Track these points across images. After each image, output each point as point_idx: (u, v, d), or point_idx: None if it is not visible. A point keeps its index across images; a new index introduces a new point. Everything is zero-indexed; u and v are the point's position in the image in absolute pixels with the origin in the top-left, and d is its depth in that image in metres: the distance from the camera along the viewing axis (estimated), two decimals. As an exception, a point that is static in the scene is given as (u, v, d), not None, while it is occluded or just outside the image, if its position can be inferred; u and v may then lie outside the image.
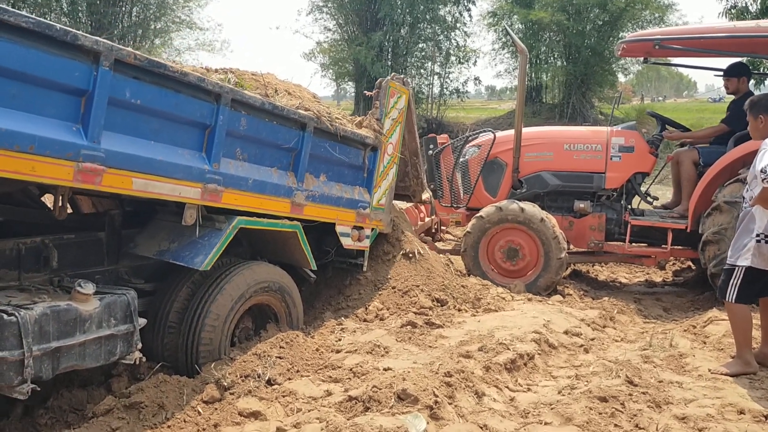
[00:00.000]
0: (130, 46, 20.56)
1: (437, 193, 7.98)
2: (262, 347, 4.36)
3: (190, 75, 3.87)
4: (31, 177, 3.18)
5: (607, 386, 3.99)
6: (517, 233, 6.98)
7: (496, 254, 7.07)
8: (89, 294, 3.56)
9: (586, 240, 7.44)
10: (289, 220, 4.85)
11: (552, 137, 7.81)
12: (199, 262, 4.12)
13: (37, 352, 3.23)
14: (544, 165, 7.58)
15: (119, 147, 3.51)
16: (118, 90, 3.46)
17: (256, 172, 4.48)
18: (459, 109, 35.25)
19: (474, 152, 7.84)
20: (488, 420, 3.56)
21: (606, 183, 7.44)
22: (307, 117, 4.76)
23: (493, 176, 7.72)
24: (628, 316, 6.31)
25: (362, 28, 32.83)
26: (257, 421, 3.59)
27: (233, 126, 4.20)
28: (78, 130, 3.33)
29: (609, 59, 29.95)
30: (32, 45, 3.07)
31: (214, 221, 4.33)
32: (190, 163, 3.95)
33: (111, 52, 3.36)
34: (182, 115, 3.91)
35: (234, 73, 5.08)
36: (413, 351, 4.65)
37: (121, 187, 3.58)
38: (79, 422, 3.62)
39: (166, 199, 3.93)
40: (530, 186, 7.59)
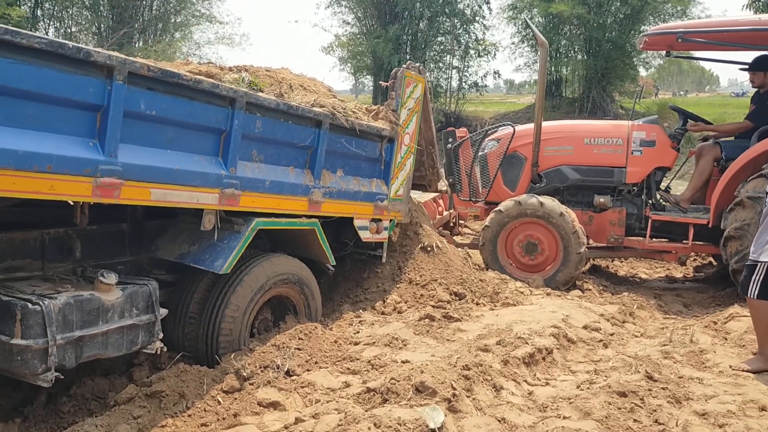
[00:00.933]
0: (151, 40, 20.75)
1: (456, 186, 7.97)
2: (281, 338, 4.40)
3: (204, 82, 3.88)
4: (50, 195, 3.21)
5: (627, 381, 3.97)
6: (536, 227, 6.95)
7: (514, 248, 7.05)
8: (112, 284, 3.60)
9: (605, 235, 7.39)
10: (307, 217, 4.87)
11: (572, 131, 7.75)
12: (219, 265, 4.15)
13: (60, 340, 3.29)
14: (563, 159, 7.53)
15: (136, 159, 3.54)
16: (132, 102, 3.47)
17: (273, 173, 4.49)
18: (477, 103, 35.10)
19: (493, 146, 7.80)
20: (506, 413, 3.56)
21: (627, 177, 7.38)
22: (322, 114, 4.76)
23: (512, 170, 7.68)
24: (648, 312, 6.27)
25: (381, 22, 32.77)
26: (276, 411, 3.62)
27: (249, 129, 4.21)
28: (95, 146, 3.35)
29: (630, 53, 29.61)
30: (46, 64, 3.09)
31: (233, 224, 4.35)
32: (206, 169, 3.98)
33: (124, 65, 3.37)
34: (197, 122, 3.93)
35: (248, 70, 5.08)
36: (431, 344, 4.66)
37: (140, 198, 3.62)
38: (102, 410, 3.68)
39: (184, 207, 3.97)
40: (550, 180, 7.55)
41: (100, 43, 26.63)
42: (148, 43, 27.41)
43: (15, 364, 3.24)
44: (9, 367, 3.28)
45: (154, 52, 25.49)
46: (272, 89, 4.75)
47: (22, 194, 3.10)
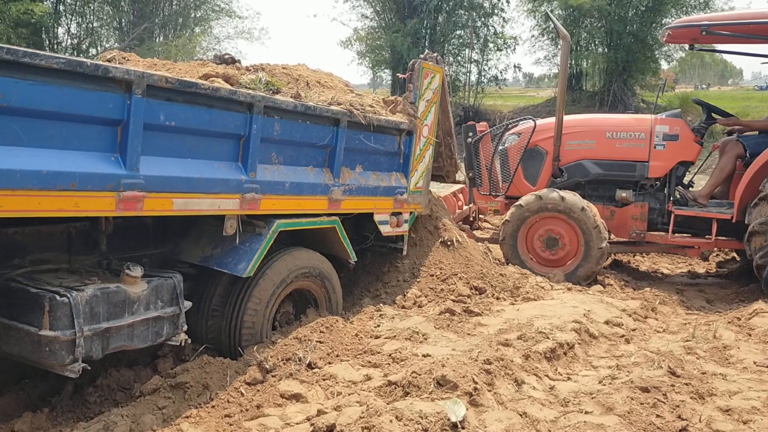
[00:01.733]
0: (171, 35, 20.88)
1: (476, 181, 7.94)
2: (303, 331, 4.43)
3: (222, 89, 3.90)
4: (75, 213, 3.26)
5: (649, 377, 3.95)
6: (557, 222, 6.92)
7: (535, 243, 7.02)
8: (137, 277, 3.65)
9: (627, 230, 7.33)
10: (327, 216, 4.89)
11: (594, 125, 7.69)
12: (242, 269, 4.19)
13: (87, 332, 3.35)
14: (585, 153, 7.48)
15: (157, 171, 3.58)
16: (152, 115, 3.51)
17: (293, 174, 4.51)
18: (496, 97, 34.92)
19: (514, 140, 7.76)
20: (528, 408, 3.56)
21: (649, 172, 7.31)
22: (340, 113, 4.76)
23: (532, 164, 7.64)
24: (671, 307, 6.23)
25: (399, 15, 32.68)
26: (298, 404, 3.66)
27: (267, 132, 4.23)
28: (116, 160, 3.39)
29: (652, 46, 29.27)
30: (65, 83, 3.13)
31: (254, 226, 4.38)
32: (227, 175, 4.01)
33: (142, 79, 3.40)
34: (217, 129, 3.95)
35: (265, 69, 5.10)
36: (452, 338, 4.67)
37: (162, 209, 3.66)
38: (127, 401, 3.73)
39: (206, 215, 4.01)
40: (571, 174, 7.50)
41: (121, 38, 26.89)
42: (168, 38, 27.61)
43: (43, 354, 3.30)
44: (37, 357, 3.35)
45: (175, 47, 25.68)
46: (289, 87, 4.76)
47: (48, 213, 3.15)
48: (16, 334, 3.38)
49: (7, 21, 21.21)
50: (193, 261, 4.33)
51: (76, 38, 27.15)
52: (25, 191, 2.99)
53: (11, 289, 3.45)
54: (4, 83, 2.90)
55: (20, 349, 3.39)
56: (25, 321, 3.36)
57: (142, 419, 3.37)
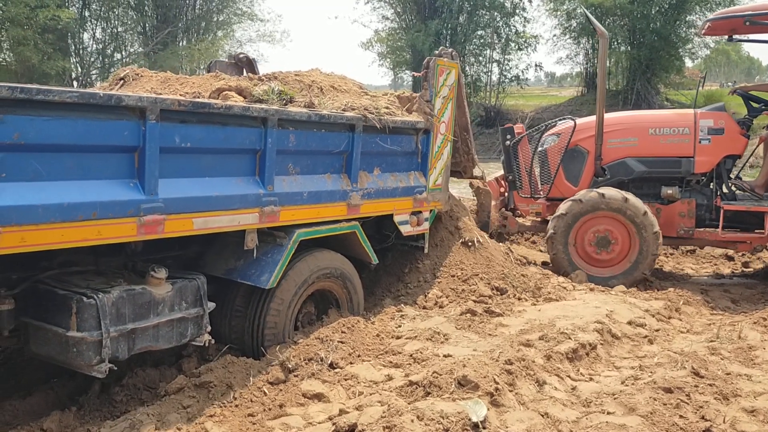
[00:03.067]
0: (194, 39, 21.03)
1: (516, 184, 7.82)
2: (325, 332, 4.46)
3: (234, 107, 3.95)
4: (98, 241, 3.33)
5: (672, 377, 3.92)
6: (612, 222, 6.78)
7: (585, 241, 6.88)
8: (162, 278, 3.72)
9: (675, 227, 7.15)
10: (347, 221, 4.92)
11: (636, 122, 7.52)
12: (265, 280, 4.24)
13: (114, 333, 3.42)
14: (628, 151, 7.32)
15: (176, 193, 3.64)
16: (167, 138, 3.56)
17: (310, 183, 4.54)
18: (518, 97, 34.75)
19: (553, 141, 7.64)
20: (549, 408, 3.56)
21: (695, 167, 7.14)
22: (354, 118, 4.78)
23: (574, 165, 7.50)
24: (695, 308, 6.16)
25: (420, 16, 32.68)
26: (321, 403, 3.69)
27: (283, 144, 4.27)
28: (135, 185, 3.46)
29: (676, 44, 28.94)
30: (80, 116, 3.19)
31: (275, 237, 4.42)
32: (245, 190, 4.06)
33: (155, 104, 3.46)
34: (232, 146, 4.00)
35: (278, 77, 5.13)
36: (473, 338, 4.67)
37: (183, 229, 3.72)
38: (152, 400, 3.80)
39: (226, 231, 4.05)
40: (614, 173, 7.35)
41: (145, 43, 27.21)
42: (191, 42, 27.86)
43: (71, 355, 3.38)
44: (65, 358, 3.42)
45: (198, 50, 25.91)
46: (302, 95, 4.77)
47: (71, 244, 3.23)
48: (45, 334, 3.47)
49: (34, 27, 21.58)
50: (217, 274, 4.38)
51: (101, 43, 27.53)
52: (48, 224, 3.07)
53: (40, 291, 3.53)
54: (20, 121, 2.97)
55: (49, 350, 3.48)
56: (53, 322, 3.44)
57: (168, 418, 3.44)
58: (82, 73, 26.27)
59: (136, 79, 5.43)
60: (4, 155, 2.96)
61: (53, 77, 22.17)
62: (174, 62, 24.95)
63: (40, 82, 18.38)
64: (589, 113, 7.70)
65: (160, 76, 5.34)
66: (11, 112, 2.94)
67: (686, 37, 29.96)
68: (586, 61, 33.14)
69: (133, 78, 5.47)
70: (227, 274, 4.39)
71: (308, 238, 4.59)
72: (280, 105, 4.39)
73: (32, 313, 3.53)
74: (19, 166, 3.02)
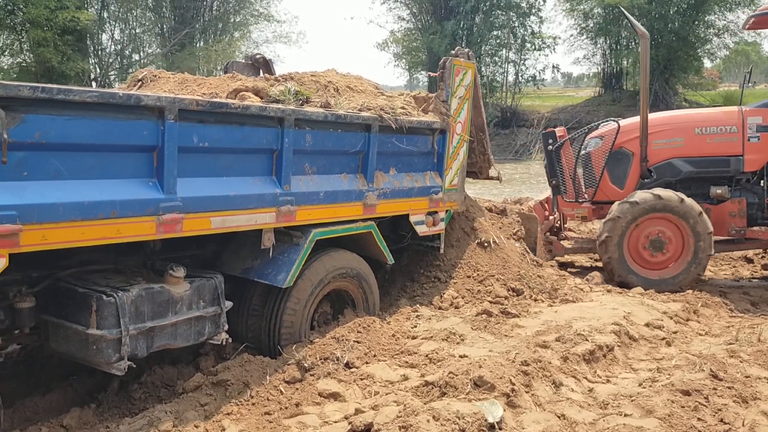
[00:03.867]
0: (211, 40, 21.14)
1: (560, 188, 7.72)
2: (341, 331, 4.48)
3: (252, 107, 3.98)
4: (117, 239, 3.37)
5: (691, 380, 3.89)
6: (665, 224, 6.67)
7: (639, 244, 6.75)
8: (181, 277, 3.75)
9: (725, 227, 7.01)
10: (363, 221, 4.93)
11: (681, 122, 7.39)
12: (282, 279, 4.26)
13: (133, 331, 3.46)
14: (674, 152, 7.20)
15: (194, 192, 3.67)
16: (185, 138, 3.59)
17: (327, 183, 4.56)
18: (534, 98, 34.64)
19: (597, 144, 7.52)
20: (566, 410, 3.54)
21: (744, 166, 7.01)
22: (370, 118, 4.79)
23: (619, 167, 7.38)
24: (713, 310, 6.10)
25: (436, 17, 32.70)
26: (336, 402, 3.70)
27: (299, 144, 4.29)
28: (154, 184, 3.50)
29: (694, 44, 28.73)
30: (100, 115, 3.23)
31: (292, 236, 4.44)
32: (262, 190, 4.08)
33: (174, 104, 3.49)
34: (249, 146, 4.03)
35: (294, 78, 5.14)
36: (489, 339, 4.66)
37: (201, 228, 3.75)
38: (170, 397, 3.84)
39: (243, 230, 4.07)
40: (660, 174, 7.21)
41: (163, 44, 27.42)
42: (208, 43, 28.05)
43: (90, 352, 3.42)
44: (85, 355, 3.46)
45: (215, 51, 26.06)
46: (318, 95, 4.80)
47: (91, 242, 3.26)
48: (65, 332, 3.51)
49: (54, 29, 21.82)
50: (234, 273, 4.41)
51: (120, 44, 27.79)
52: (68, 223, 3.11)
53: (60, 289, 3.58)
54: (41, 121, 3.01)
55: (68, 347, 3.52)
56: (73, 320, 3.48)
57: (185, 415, 3.47)
58: (100, 74, 26.53)
59: (153, 81, 5.48)
60: (25, 154, 3.00)
61: (72, 78, 22.41)
62: (191, 63, 25.14)
63: (60, 83, 18.57)
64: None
65: (178, 78, 5.39)
66: (33, 111, 2.98)
67: (705, 38, 29.73)
68: (603, 61, 32.99)
69: (150, 79, 5.52)
70: (244, 273, 4.41)
71: (324, 237, 4.60)
72: (297, 105, 4.41)
73: (52, 310, 3.58)
74: (40, 165, 3.06)
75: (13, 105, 2.92)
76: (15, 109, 2.92)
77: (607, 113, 29.01)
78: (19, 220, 2.93)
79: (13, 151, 2.94)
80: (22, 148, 2.98)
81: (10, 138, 2.88)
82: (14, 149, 2.94)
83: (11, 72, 23.82)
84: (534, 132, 29.63)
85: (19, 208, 2.94)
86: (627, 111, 29.02)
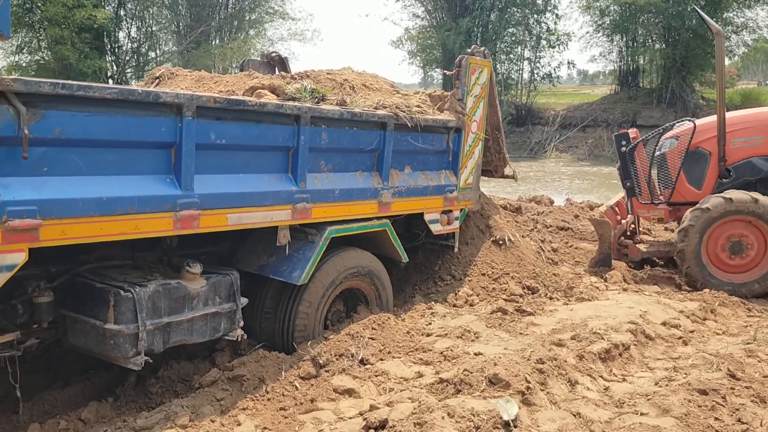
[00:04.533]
0: (227, 37, 21.24)
1: (634, 190, 7.53)
2: (355, 328, 4.49)
3: (268, 104, 4.00)
4: (135, 235, 3.41)
5: (708, 379, 3.86)
6: (744, 225, 6.54)
7: (717, 248, 6.62)
8: (197, 274, 3.78)
9: None
10: (377, 219, 4.93)
11: (760, 120, 7.21)
12: (297, 276, 4.29)
13: (150, 326, 3.49)
14: (754, 150, 7.02)
15: (211, 188, 3.70)
16: (203, 135, 3.62)
17: (342, 181, 4.57)
18: (549, 95, 34.46)
19: (672, 144, 7.39)
20: (582, 408, 3.53)
21: None
22: (386, 116, 4.79)
23: (696, 167, 7.21)
24: (731, 309, 6.04)
25: (451, 14, 32.60)
26: (351, 398, 3.71)
27: (315, 142, 4.30)
28: (172, 181, 3.53)
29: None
30: (119, 112, 3.26)
31: (307, 234, 4.46)
32: (278, 187, 4.11)
33: (192, 101, 3.52)
34: (266, 143, 4.05)
35: (310, 76, 5.16)
36: (504, 337, 4.65)
37: (217, 225, 3.78)
38: (187, 392, 3.87)
39: (259, 227, 4.09)
40: (739, 174, 7.01)
41: (179, 41, 27.57)
42: (224, 41, 28.17)
43: (108, 347, 3.46)
44: (102, 350, 3.50)
45: (230, 49, 26.17)
46: (334, 93, 4.81)
47: (110, 238, 3.30)
48: (83, 327, 3.56)
49: (71, 27, 22.02)
50: (250, 270, 4.43)
51: (136, 42, 27.98)
52: (87, 218, 3.15)
53: (78, 285, 3.62)
54: (62, 117, 3.05)
55: (86, 342, 3.56)
56: (91, 315, 3.52)
57: (201, 410, 3.49)
58: (117, 72, 26.73)
59: (171, 78, 5.51)
60: (45, 150, 3.04)
61: (89, 76, 22.58)
62: (207, 61, 25.27)
63: (77, 80, 18.74)
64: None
65: (195, 75, 5.42)
66: (53, 107, 3.02)
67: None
68: (620, 58, 32.73)
69: (168, 77, 5.56)
70: (259, 270, 4.43)
71: (339, 235, 4.61)
72: (313, 103, 4.42)
73: (71, 305, 3.63)
74: (60, 161, 3.10)
75: (34, 101, 2.96)
76: (36, 105, 2.96)
77: (623, 111, 28.82)
78: (39, 215, 2.97)
79: (34, 147, 2.98)
80: (43, 144, 3.02)
81: (30, 134, 2.92)
82: (35, 145, 2.98)
83: (29, 69, 24.06)
84: (549, 130, 29.50)
85: (39, 203, 2.98)
86: (643, 109, 28.85)
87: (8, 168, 2.92)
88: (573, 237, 8.42)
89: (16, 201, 2.91)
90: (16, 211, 2.90)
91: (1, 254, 2.90)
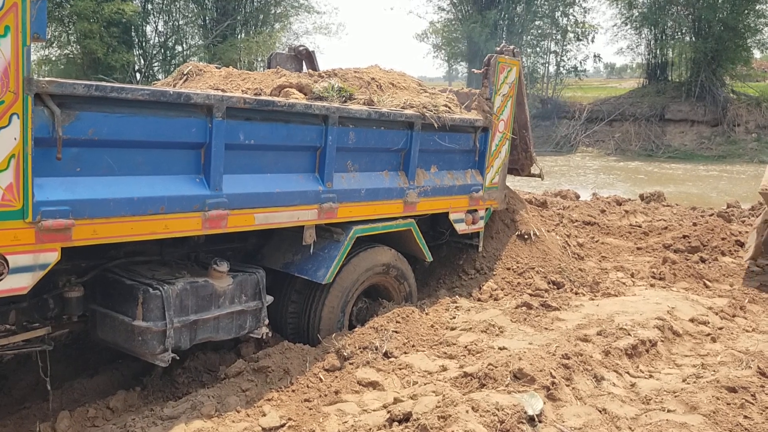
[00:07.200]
0: (252, 31, 21.27)
1: None
2: (380, 321, 4.50)
3: (297, 105, 4.01)
4: (165, 234, 3.45)
5: (737, 377, 3.81)
6: None
7: None
8: (224, 272, 3.82)
9: None
10: (402, 218, 4.93)
11: None
12: (322, 275, 4.31)
13: (177, 323, 3.54)
14: None
15: (239, 188, 3.72)
16: (232, 135, 3.65)
17: (368, 180, 4.57)
18: (576, 89, 34.09)
19: None
20: (607, 404, 3.50)
21: None
22: (413, 116, 4.77)
23: None
24: (761, 306, 5.94)
25: (477, 7, 32.39)
26: (375, 391, 3.73)
27: (342, 141, 4.31)
28: (201, 181, 3.57)
29: (743, 34, 27.85)
30: (151, 113, 3.30)
31: (332, 233, 4.47)
32: (304, 187, 4.12)
33: (222, 102, 3.54)
34: (294, 143, 4.06)
35: (337, 74, 5.15)
36: (528, 332, 4.63)
37: (245, 224, 3.81)
38: (213, 382, 3.91)
39: (286, 227, 4.12)
40: None
41: (205, 35, 27.75)
42: (249, 35, 28.27)
43: (136, 343, 3.51)
44: (130, 346, 3.55)
45: (256, 43, 26.26)
46: (361, 92, 4.80)
47: (140, 237, 3.35)
48: (112, 322, 3.61)
49: (100, 21, 22.27)
50: (275, 267, 4.46)
51: (163, 36, 28.20)
52: (118, 218, 3.20)
53: (108, 280, 3.68)
54: (95, 118, 3.09)
55: (115, 337, 3.61)
56: (120, 311, 3.58)
57: (227, 400, 3.53)
58: (144, 66, 26.99)
59: (198, 75, 5.55)
60: (79, 150, 3.09)
61: (117, 69, 22.84)
62: (233, 54, 25.35)
63: (105, 74, 18.97)
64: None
65: (222, 72, 5.45)
66: (87, 109, 3.06)
67: (755, 27, 28.79)
68: (648, 51, 32.23)
69: (196, 73, 5.59)
70: (285, 267, 4.46)
71: (365, 235, 4.62)
72: (340, 102, 4.42)
73: (100, 300, 3.69)
74: (92, 162, 3.15)
75: (68, 103, 3.01)
76: (70, 107, 3.01)
77: (651, 105, 28.40)
78: (72, 215, 3.02)
79: (68, 148, 3.03)
80: (76, 145, 3.07)
81: (64, 135, 2.97)
82: (68, 146, 3.03)
83: (59, 63, 24.38)
84: (575, 124, 29.20)
85: (72, 203, 3.03)
86: (672, 103, 28.42)
87: (42, 168, 2.96)
88: (599, 232, 8.35)
89: (50, 201, 2.96)
90: (49, 211, 2.95)
91: (35, 254, 2.95)
